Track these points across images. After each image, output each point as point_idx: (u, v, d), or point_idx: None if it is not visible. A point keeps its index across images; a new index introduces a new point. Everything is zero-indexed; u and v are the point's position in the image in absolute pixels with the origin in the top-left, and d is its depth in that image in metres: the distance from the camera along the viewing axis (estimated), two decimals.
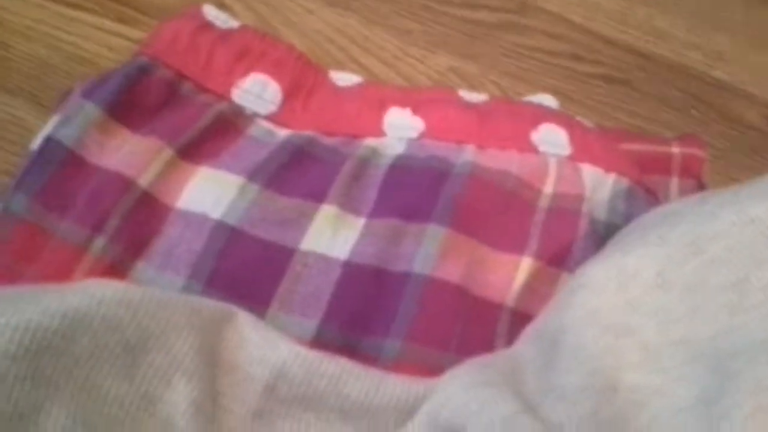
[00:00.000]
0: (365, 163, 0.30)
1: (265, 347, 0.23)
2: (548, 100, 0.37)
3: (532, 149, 0.31)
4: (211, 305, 0.24)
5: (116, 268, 0.26)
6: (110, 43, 0.40)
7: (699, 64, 0.44)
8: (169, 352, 0.22)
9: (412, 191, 0.29)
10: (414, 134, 0.31)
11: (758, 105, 0.42)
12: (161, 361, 0.22)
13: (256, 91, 0.32)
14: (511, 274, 0.28)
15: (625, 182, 0.31)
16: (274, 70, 0.32)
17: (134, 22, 0.41)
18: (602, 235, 0.30)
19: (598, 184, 0.31)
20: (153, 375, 0.22)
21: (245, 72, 0.32)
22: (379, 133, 0.32)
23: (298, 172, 0.30)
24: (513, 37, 0.44)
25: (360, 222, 0.29)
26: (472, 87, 0.41)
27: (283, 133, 0.31)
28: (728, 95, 0.43)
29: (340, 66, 0.41)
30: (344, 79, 0.34)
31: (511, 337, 0.27)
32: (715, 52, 0.44)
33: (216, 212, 0.28)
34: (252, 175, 0.29)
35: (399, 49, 0.43)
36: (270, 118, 0.32)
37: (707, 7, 0.47)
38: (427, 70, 0.42)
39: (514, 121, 0.32)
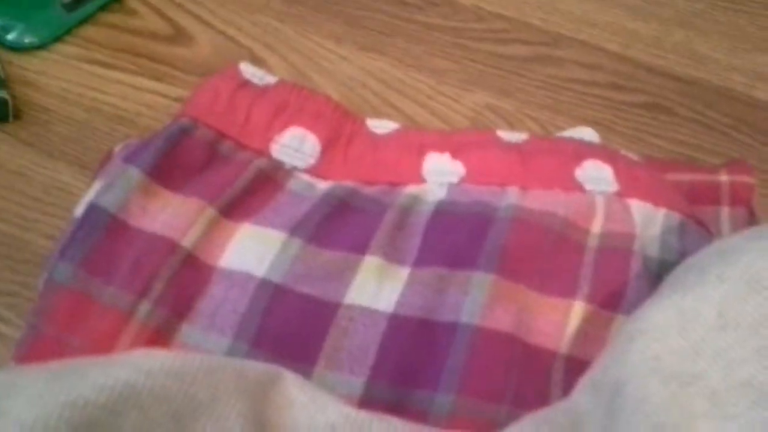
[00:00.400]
0: (407, 211, 0.30)
1: (313, 409, 0.23)
2: (588, 133, 0.36)
3: (578, 187, 0.30)
4: (258, 368, 0.24)
5: (162, 333, 0.26)
6: (148, 102, 0.41)
7: (740, 85, 0.42)
8: (218, 420, 0.22)
9: (457, 237, 0.28)
10: (455, 179, 0.31)
11: None
12: (211, 429, 0.22)
13: (295, 145, 0.32)
14: (563, 319, 0.27)
15: (676, 217, 0.30)
16: (312, 123, 0.32)
17: (171, 79, 0.42)
18: (656, 274, 0.29)
19: (649, 220, 0.30)
20: None
21: (283, 127, 0.32)
22: (419, 179, 0.31)
23: (340, 224, 0.29)
24: (548, 70, 0.43)
25: (405, 272, 0.28)
26: (509, 123, 0.41)
27: (323, 185, 0.31)
28: None
29: (376, 110, 0.41)
30: (382, 126, 0.34)
31: (567, 386, 0.26)
32: (756, 72, 0.43)
33: (260, 270, 0.28)
34: (294, 230, 0.29)
35: (433, 89, 0.42)
36: (309, 171, 0.32)
37: (745, 27, 0.46)
38: (463, 109, 0.42)
39: (556, 159, 0.31)
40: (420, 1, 0.47)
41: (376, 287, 0.28)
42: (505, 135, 0.32)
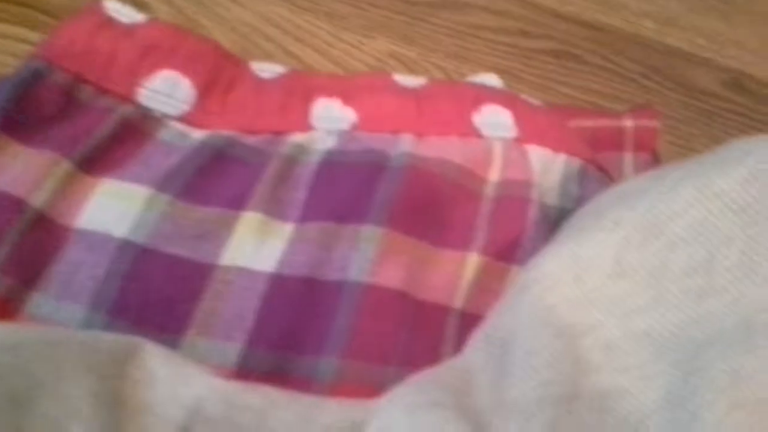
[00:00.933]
0: (292, 161, 0.27)
1: (177, 383, 0.20)
2: (492, 80, 0.34)
3: (475, 133, 0.28)
4: (112, 340, 0.21)
5: (8, 303, 0.23)
6: (15, 51, 0.37)
7: (651, 32, 0.41)
8: (63, 400, 0.19)
9: (345, 189, 0.26)
10: (345, 126, 0.28)
11: (714, 70, 0.40)
12: (54, 410, 0.19)
13: (166, 90, 0.28)
14: (457, 272, 0.25)
15: (576, 162, 0.29)
16: (186, 66, 0.29)
17: (42, 26, 0.38)
18: (555, 221, 0.27)
19: (548, 167, 0.28)
20: (45, 427, 0.19)
21: (152, 70, 0.29)
22: (307, 127, 0.29)
23: (216, 178, 0.26)
24: (455, 16, 0.41)
25: (288, 228, 0.26)
26: (413, 72, 0.39)
27: (198, 134, 0.28)
28: (683, 62, 0.40)
29: (271, 58, 0.38)
30: (267, 70, 0.31)
31: (460, 342, 0.24)
32: (668, 18, 0.42)
33: (121, 230, 0.25)
34: (162, 185, 0.26)
35: (333, 35, 0.40)
36: (183, 118, 0.29)
37: None
38: (364, 57, 0.39)
39: (454, 104, 0.29)
40: None
41: (256, 245, 0.25)
42: (402, 79, 0.30)
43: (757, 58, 0.41)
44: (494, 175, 0.28)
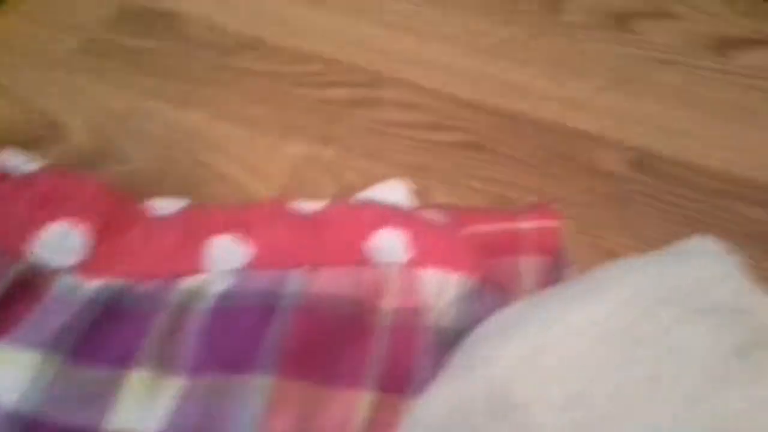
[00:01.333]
0: (183, 309, 0.28)
1: None
2: (397, 190, 0.35)
3: (368, 261, 0.30)
4: None
5: None
6: None
7: (556, 115, 0.43)
8: None
9: (236, 337, 0.27)
10: (239, 264, 0.29)
11: (619, 150, 0.41)
12: None
13: (58, 242, 0.29)
14: (350, 412, 0.26)
15: (470, 281, 0.30)
16: (79, 213, 0.30)
17: None
18: (452, 344, 0.28)
19: (443, 288, 0.29)
20: None
21: (45, 221, 0.29)
22: (200, 269, 0.29)
23: (106, 334, 0.27)
24: (369, 113, 0.43)
25: (178, 383, 0.26)
26: (331, 174, 0.40)
27: (91, 285, 0.29)
28: (587, 144, 0.42)
29: (185, 171, 0.39)
30: (164, 207, 0.32)
31: None
32: (572, 99, 0.44)
33: (10, 401, 0.25)
34: (53, 346, 0.26)
35: (248, 141, 0.41)
36: (77, 269, 0.29)
37: (564, 51, 0.46)
38: (281, 161, 0.40)
39: (348, 231, 0.30)
40: (236, 45, 0.45)
41: (143, 406, 0.26)
42: (302, 205, 0.31)
43: (662, 135, 0.42)
44: (387, 303, 0.29)
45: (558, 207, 0.39)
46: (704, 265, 0.24)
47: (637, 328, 0.24)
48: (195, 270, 0.29)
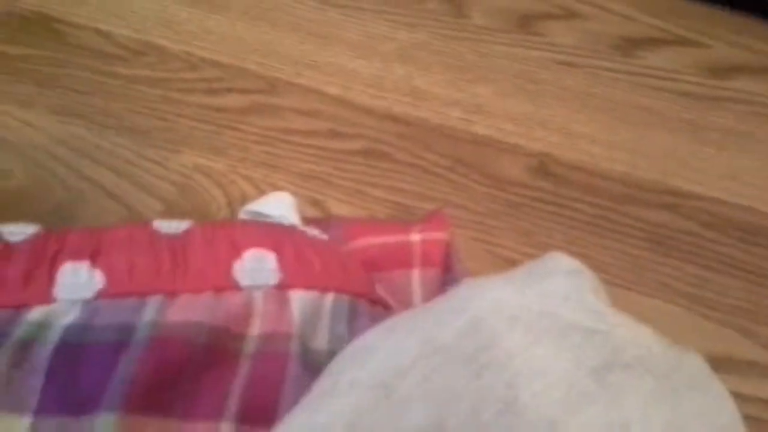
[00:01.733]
0: (29, 343, 0.25)
1: None
2: (282, 201, 0.34)
3: (233, 285, 0.28)
4: None
5: None
6: None
7: (459, 121, 0.42)
8: None
9: (84, 374, 0.25)
10: (90, 294, 0.27)
11: (521, 156, 0.41)
12: None
13: None
14: None
15: (345, 300, 0.28)
16: None
17: None
18: (324, 366, 0.27)
19: (315, 310, 0.28)
20: None
21: None
22: (50, 298, 0.27)
23: None
24: (263, 121, 0.41)
25: (25, 423, 0.24)
26: (221, 186, 0.38)
27: None
28: (490, 150, 0.41)
29: (66, 185, 0.37)
30: (16, 232, 0.29)
31: None
32: (475, 105, 0.43)
33: None
34: None
35: (135, 153, 0.39)
36: None
37: (466, 55, 0.45)
38: (169, 174, 0.38)
39: (213, 254, 0.28)
40: (124, 52, 0.43)
41: None
42: (163, 226, 0.29)
43: (565, 139, 0.42)
44: (253, 329, 0.27)
45: (459, 215, 0.38)
46: (558, 284, 0.24)
47: (485, 353, 0.23)
48: (44, 299, 0.27)
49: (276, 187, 0.38)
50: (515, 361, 0.21)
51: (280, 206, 0.33)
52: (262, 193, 0.38)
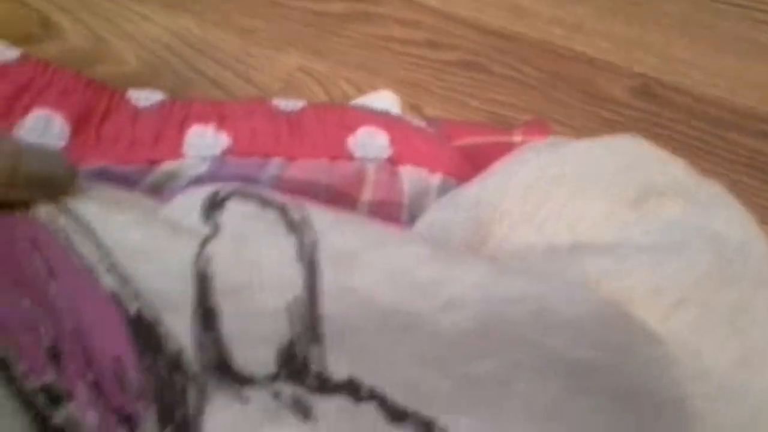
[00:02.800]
0: (157, 189, 0.27)
1: None
2: (386, 98, 0.35)
3: (347, 155, 0.29)
4: None
5: None
6: None
7: (559, 38, 0.42)
8: None
9: None
10: (217, 151, 0.29)
11: (622, 77, 0.40)
12: None
13: (40, 128, 0.28)
14: None
15: (452, 182, 0.29)
16: (59, 102, 0.29)
17: None
18: None
19: (423, 187, 0.29)
20: None
21: (26, 109, 0.29)
22: (179, 154, 0.29)
23: None
24: (366, 28, 0.42)
25: None
26: (323, 86, 0.39)
27: None
28: (589, 69, 0.41)
29: (179, 75, 0.38)
30: (145, 98, 0.31)
31: None
32: (576, 24, 0.42)
33: None
34: None
35: (243, 50, 0.40)
36: None
37: None
38: (275, 71, 0.39)
39: (328, 127, 0.30)
40: None
41: None
42: (281, 103, 0.31)
43: (665, 63, 0.41)
44: (366, 195, 0.28)
45: (555, 130, 0.38)
46: (620, 150, 0.25)
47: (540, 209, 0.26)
48: (174, 155, 0.29)
49: (375, 90, 0.39)
50: (566, 209, 0.23)
51: (384, 102, 0.34)
52: (361, 94, 0.39)
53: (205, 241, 0.21)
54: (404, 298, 0.21)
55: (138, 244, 0.21)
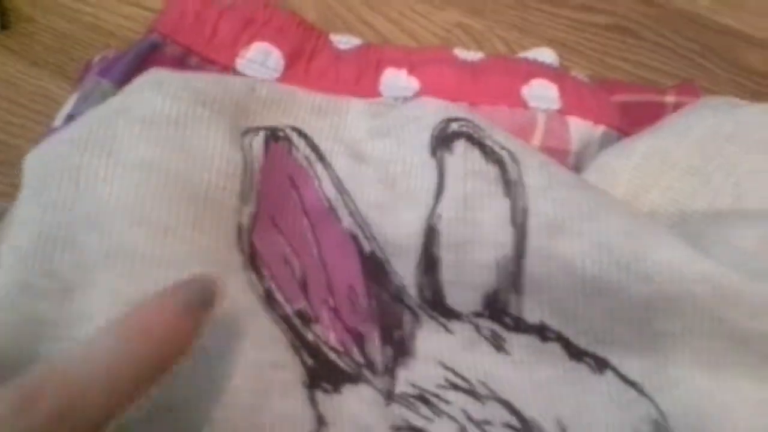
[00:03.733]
0: None
1: None
2: (547, 54, 0.37)
3: (523, 104, 0.32)
4: None
5: None
6: (126, 13, 0.42)
7: (707, 11, 0.43)
8: None
9: None
10: (409, 93, 0.33)
11: (766, 50, 0.42)
12: None
13: (260, 60, 0.33)
14: None
15: (614, 134, 0.32)
16: (276, 38, 0.33)
17: None
18: None
19: (587, 137, 0.32)
20: None
21: (249, 41, 0.33)
22: (376, 94, 0.33)
23: None
24: None
25: None
26: (478, 43, 0.42)
27: None
28: (736, 41, 0.42)
29: (349, 26, 0.42)
30: (345, 42, 0.35)
31: None
32: None
33: None
34: None
35: (406, 6, 0.43)
36: None
37: None
38: (434, 27, 0.43)
39: (505, 78, 0.33)
40: None
41: None
42: (462, 53, 0.34)
43: None
44: (536, 141, 0.32)
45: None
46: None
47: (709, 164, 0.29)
48: (371, 94, 0.33)
49: (526, 49, 0.42)
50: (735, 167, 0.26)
51: (546, 58, 0.37)
52: (513, 53, 0.42)
53: (436, 200, 0.25)
54: (603, 268, 0.24)
55: (379, 199, 0.25)
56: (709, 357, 0.24)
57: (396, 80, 0.33)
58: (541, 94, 0.33)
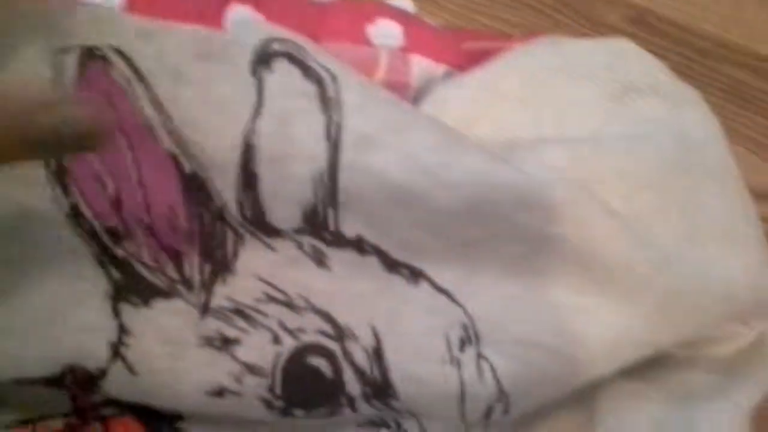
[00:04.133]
0: None
1: None
2: (406, 4, 0.38)
3: (366, 42, 0.33)
4: None
5: None
6: None
7: None
8: None
9: None
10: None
11: (622, 7, 0.44)
12: None
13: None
14: None
15: (456, 74, 0.33)
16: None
17: None
18: None
19: (429, 75, 0.33)
20: None
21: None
22: (220, 28, 0.32)
23: None
24: None
25: None
26: None
27: None
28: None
29: None
30: None
31: None
32: None
33: None
34: None
35: None
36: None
37: None
38: None
39: (351, 16, 0.34)
40: None
41: None
42: None
43: None
44: (380, 74, 0.33)
45: None
46: (612, 50, 0.29)
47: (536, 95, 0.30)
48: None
49: None
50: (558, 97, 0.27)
51: (406, 6, 0.38)
52: None
53: (253, 116, 0.25)
54: (412, 178, 0.25)
55: (198, 119, 0.25)
56: (513, 262, 0.25)
57: (240, 15, 0.33)
58: (386, 32, 0.34)
